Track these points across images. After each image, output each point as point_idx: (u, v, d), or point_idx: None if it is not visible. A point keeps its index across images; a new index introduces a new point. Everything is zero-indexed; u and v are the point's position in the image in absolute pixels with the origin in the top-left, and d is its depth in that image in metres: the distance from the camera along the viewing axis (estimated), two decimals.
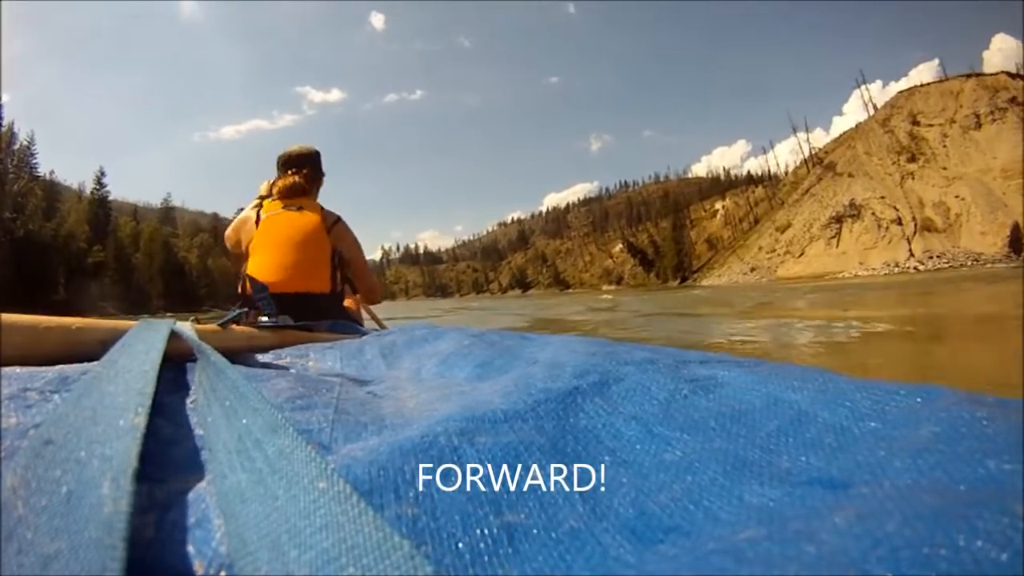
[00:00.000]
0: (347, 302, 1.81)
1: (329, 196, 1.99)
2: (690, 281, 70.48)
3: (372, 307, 2.07)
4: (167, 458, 0.29)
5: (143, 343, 0.43)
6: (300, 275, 1.52)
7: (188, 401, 0.37)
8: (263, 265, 1.51)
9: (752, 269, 60.89)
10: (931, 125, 57.70)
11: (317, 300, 1.51)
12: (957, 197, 48.67)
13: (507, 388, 0.40)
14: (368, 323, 1.99)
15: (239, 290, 1.58)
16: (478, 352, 0.66)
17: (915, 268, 42.78)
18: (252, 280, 1.46)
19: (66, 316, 0.55)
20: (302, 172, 1.70)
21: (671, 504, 0.25)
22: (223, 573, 0.20)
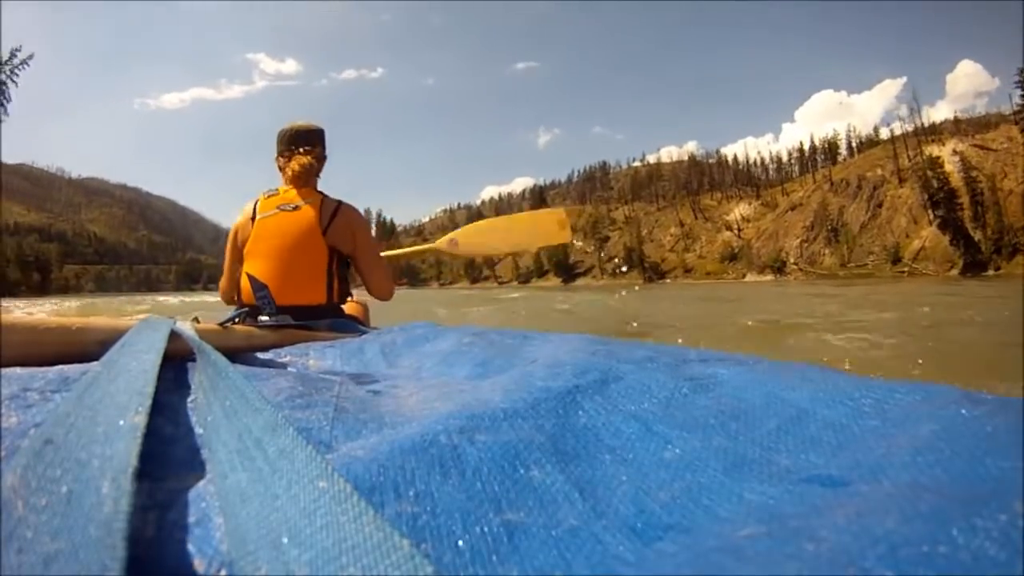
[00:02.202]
0: (348, 307, 1.73)
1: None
2: None
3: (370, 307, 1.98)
4: (167, 457, 0.29)
5: (143, 343, 0.43)
6: (294, 287, 1.48)
7: (188, 400, 0.37)
8: (257, 274, 1.47)
9: None
10: None
11: (312, 312, 1.47)
12: None
13: (507, 387, 0.40)
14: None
15: (235, 296, 1.54)
16: (478, 351, 0.66)
17: None
18: (252, 279, 1.45)
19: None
20: (314, 152, 1.59)
21: (671, 502, 0.25)
22: (223, 572, 0.20)
